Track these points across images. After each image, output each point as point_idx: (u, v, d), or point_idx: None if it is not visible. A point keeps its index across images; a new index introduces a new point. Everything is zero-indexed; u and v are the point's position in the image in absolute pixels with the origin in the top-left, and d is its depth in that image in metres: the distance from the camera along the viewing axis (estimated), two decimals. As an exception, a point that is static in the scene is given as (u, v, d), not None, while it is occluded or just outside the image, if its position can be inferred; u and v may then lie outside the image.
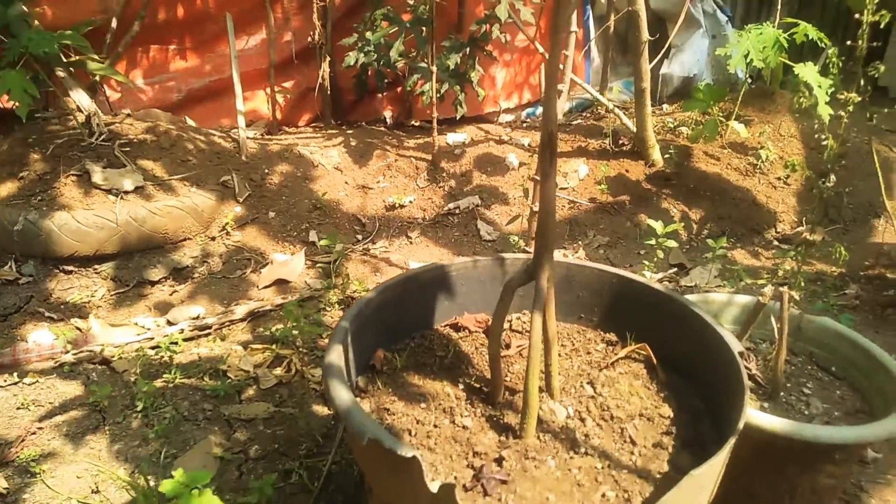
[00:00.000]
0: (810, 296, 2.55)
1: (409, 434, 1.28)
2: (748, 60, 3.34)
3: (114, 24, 3.36)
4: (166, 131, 3.12)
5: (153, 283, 2.70)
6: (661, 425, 1.32)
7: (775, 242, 3.29)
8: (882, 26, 1.87)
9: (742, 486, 1.48)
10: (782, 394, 1.61)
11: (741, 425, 1.08)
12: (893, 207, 3.46)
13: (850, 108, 1.62)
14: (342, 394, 1.15)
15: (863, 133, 3.82)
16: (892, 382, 1.55)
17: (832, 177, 1.52)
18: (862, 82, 1.97)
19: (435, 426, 1.31)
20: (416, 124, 4.13)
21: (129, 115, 3.27)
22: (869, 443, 1.37)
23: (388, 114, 4.20)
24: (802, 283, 1.65)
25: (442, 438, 1.28)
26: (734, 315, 1.86)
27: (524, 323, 1.64)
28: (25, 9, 2.99)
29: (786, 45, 3.31)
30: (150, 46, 3.66)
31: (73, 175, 2.74)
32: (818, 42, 3.22)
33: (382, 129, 4.00)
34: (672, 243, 2.63)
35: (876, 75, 1.66)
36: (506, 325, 1.64)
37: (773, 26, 3.41)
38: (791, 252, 2.95)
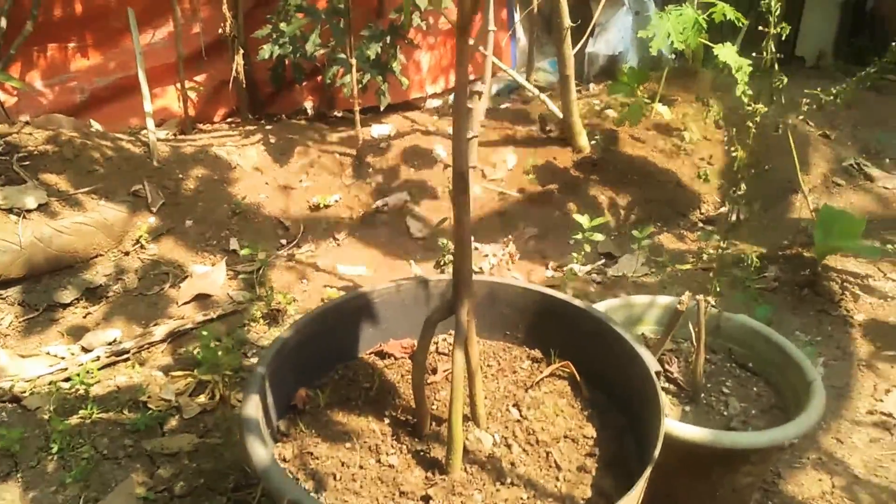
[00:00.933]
0: (732, 282, 2.62)
1: (334, 479, 1.25)
2: (669, 42, 3.37)
3: (2, 23, 3.10)
4: (69, 140, 2.92)
5: (65, 306, 2.55)
6: (584, 446, 1.33)
7: (700, 224, 3.38)
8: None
9: (665, 491, 1.51)
10: (703, 395, 1.65)
11: (656, 454, 1.10)
12: (810, 182, 3.60)
13: (758, 119, 1.65)
14: (259, 452, 1.10)
15: (780, 107, 3.93)
16: (802, 378, 1.61)
17: (742, 185, 1.54)
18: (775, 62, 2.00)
19: (360, 467, 1.28)
20: (339, 115, 4.01)
21: (27, 122, 3.05)
22: (782, 444, 1.42)
23: (308, 104, 4.06)
24: (718, 289, 1.68)
25: (368, 480, 1.25)
26: (657, 316, 1.89)
27: (450, 345, 1.62)
28: None
29: (705, 25, 3.35)
30: (48, 45, 3.40)
31: (-35, 195, 2.54)
32: (736, 21, 3.28)
33: (303, 121, 3.87)
34: (599, 237, 2.66)
35: (779, 84, 1.70)
36: (432, 348, 1.62)
37: (694, 6, 3.45)
38: (715, 235, 3.03)
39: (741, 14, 3.31)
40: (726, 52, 3.29)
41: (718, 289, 1.63)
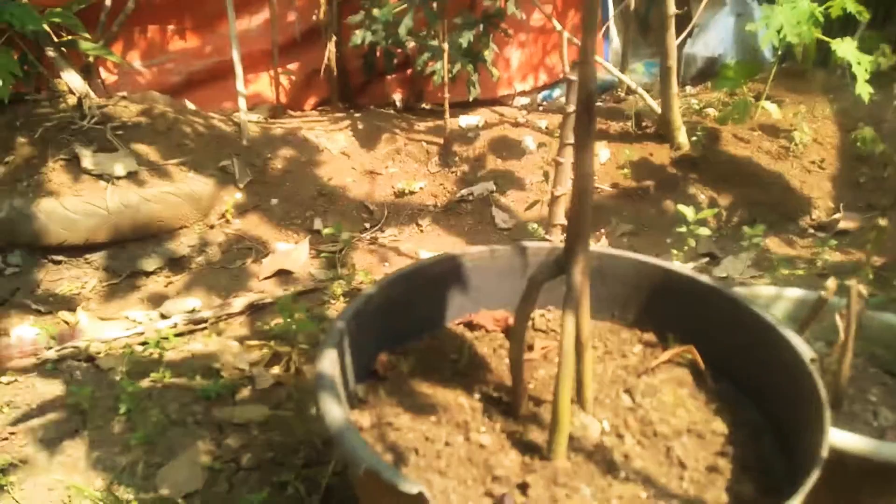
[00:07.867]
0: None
1: (416, 454, 1.10)
2: (781, 36, 3.10)
3: (108, 1, 3.17)
4: (163, 114, 2.94)
5: (147, 274, 2.53)
6: (714, 444, 1.12)
7: (810, 230, 3.07)
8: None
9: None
10: (845, 402, 1.41)
11: (824, 453, 0.89)
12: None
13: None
14: (334, 412, 0.97)
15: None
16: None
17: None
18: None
19: (446, 444, 1.12)
20: (427, 108, 3.92)
21: (124, 97, 3.09)
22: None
23: (397, 96, 3.99)
24: (870, 275, 1.44)
25: (455, 459, 1.09)
26: (785, 310, 1.65)
27: (548, 321, 1.45)
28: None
29: (821, 19, 3.06)
30: (148, 26, 3.47)
31: (61, 160, 2.57)
32: (856, 16, 2.99)
33: (392, 112, 3.80)
34: (704, 231, 2.43)
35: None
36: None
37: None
38: (830, 241, 2.74)
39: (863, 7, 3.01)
40: (845, 48, 3.00)
41: (870, 275, 1.40)
